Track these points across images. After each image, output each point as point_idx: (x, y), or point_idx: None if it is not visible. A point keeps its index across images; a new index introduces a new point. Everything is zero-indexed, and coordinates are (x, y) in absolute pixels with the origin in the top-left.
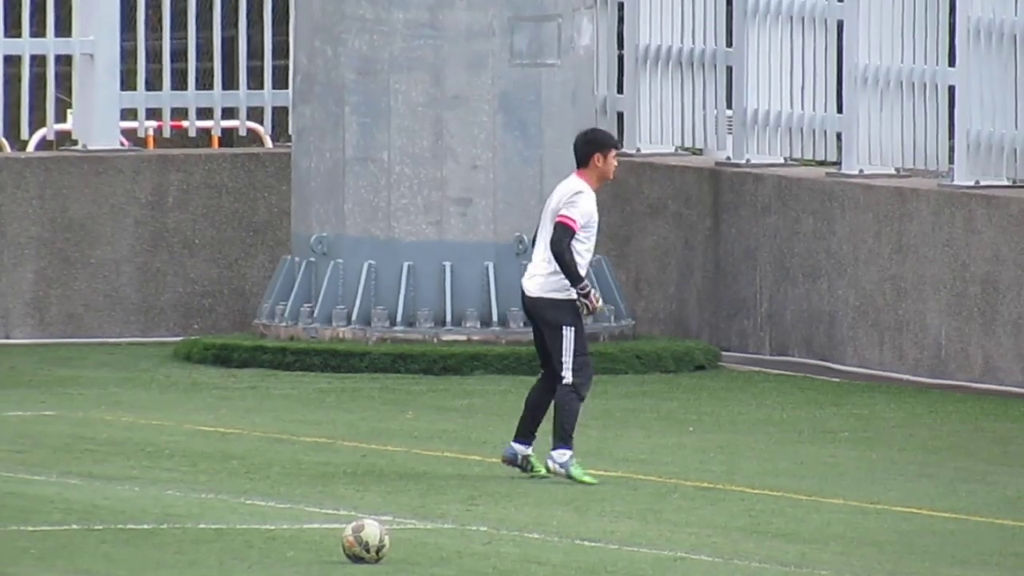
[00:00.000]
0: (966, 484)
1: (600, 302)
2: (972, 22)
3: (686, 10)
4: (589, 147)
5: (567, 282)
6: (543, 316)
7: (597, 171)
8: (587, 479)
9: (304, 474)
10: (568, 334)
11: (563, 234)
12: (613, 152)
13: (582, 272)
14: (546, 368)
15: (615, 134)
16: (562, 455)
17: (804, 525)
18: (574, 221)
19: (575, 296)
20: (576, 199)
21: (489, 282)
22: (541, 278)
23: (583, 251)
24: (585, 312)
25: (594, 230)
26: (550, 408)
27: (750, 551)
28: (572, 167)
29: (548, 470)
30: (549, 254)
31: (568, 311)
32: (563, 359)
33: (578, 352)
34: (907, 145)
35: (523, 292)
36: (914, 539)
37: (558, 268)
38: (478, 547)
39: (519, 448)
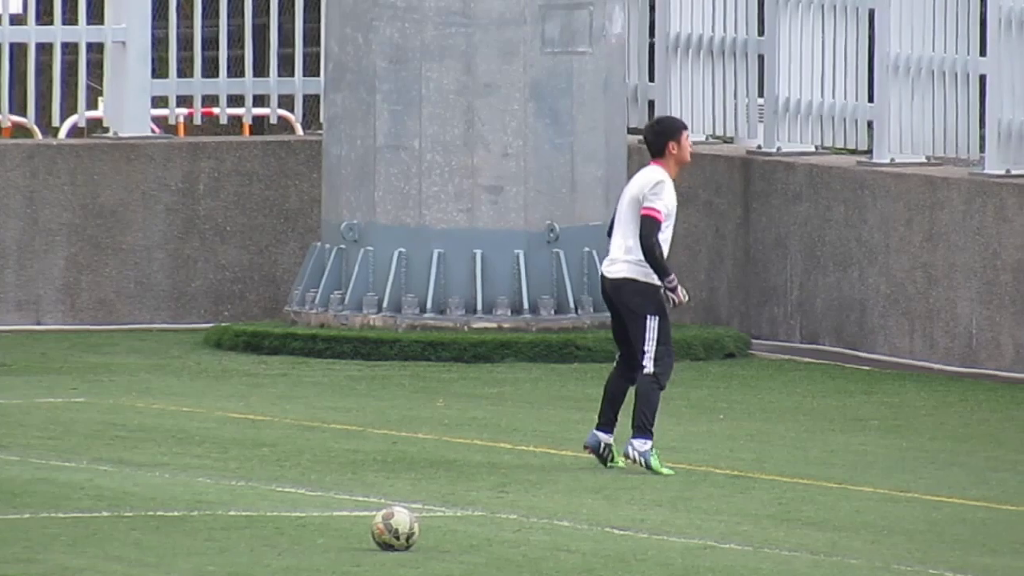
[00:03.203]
0: (997, 472)
1: (686, 296)
2: (1003, 11)
3: None
4: (661, 137)
5: (650, 268)
6: (626, 303)
7: (674, 158)
8: (665, 471)
9: (334, 461)
10: (651, 323)
11: (651, 228)
12: (685, 135)
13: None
14: (623, 355)
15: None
16: (643, 444)
17: (834, 513)
18: (659, 212)
19: (658, 284)
20: (659, 189)
21: (520, 270)
22: (624, 264)
23: (662, 241)
24: (672, 305)
25: (673, 220)
26: (627, 395)
27: (780, 539)
28: (603, 155)
29: (626, 457)
30: (630, 243)
31: (651, 299)
32: (645, 348)
33: (660, 341)
34: (938, 134)
35: (603, 278)
36: (945, 527)
37: (641, 258)
38: (508, 535)
39: (602, 436)
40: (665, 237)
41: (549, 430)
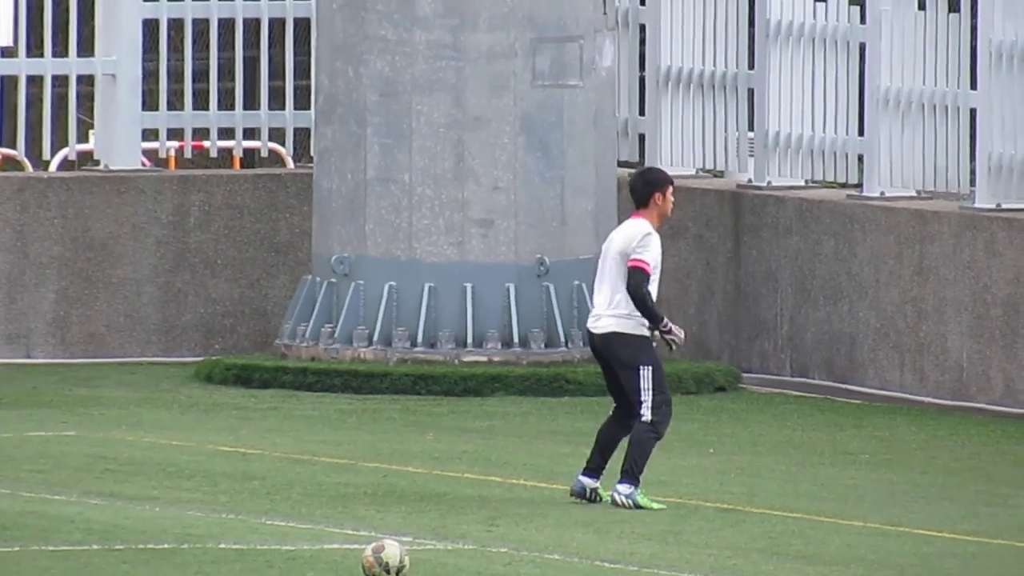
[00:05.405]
0: (987, 507)
1: (682, 333)
2: (994, 45)
3: (708, 32)
4: (649, 187)
5: (638, 319)
6: (617, 356)
7: (657, 209)
8: (655, 505)
9: (325, 494)
10: (645, 373)
11: (640, 278)
12: (670, 189)
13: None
14: (618, 405)
15: (637, 156)
16: (627, 488)
17: (825, 547)
18: (647, 264)
19: (647, 333)
20: (647, 242)
21: (510, 303)
22: (609, 318)
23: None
24: (672, 348)
25: (659, 272)
26: (619, 444)
27: (770, 573)
28: (594, 188)
29: (614, 504)
30: (617, 297)
31: (642, 349)
32: (642, 398)
33: (657, 390)
34: (928, 167)
35: (590, 333)
36: (935, 562)
37: (628, 311)
38: (498, 568)
39: (587, 481)
40: (652, 289)
41: (539, 464)
